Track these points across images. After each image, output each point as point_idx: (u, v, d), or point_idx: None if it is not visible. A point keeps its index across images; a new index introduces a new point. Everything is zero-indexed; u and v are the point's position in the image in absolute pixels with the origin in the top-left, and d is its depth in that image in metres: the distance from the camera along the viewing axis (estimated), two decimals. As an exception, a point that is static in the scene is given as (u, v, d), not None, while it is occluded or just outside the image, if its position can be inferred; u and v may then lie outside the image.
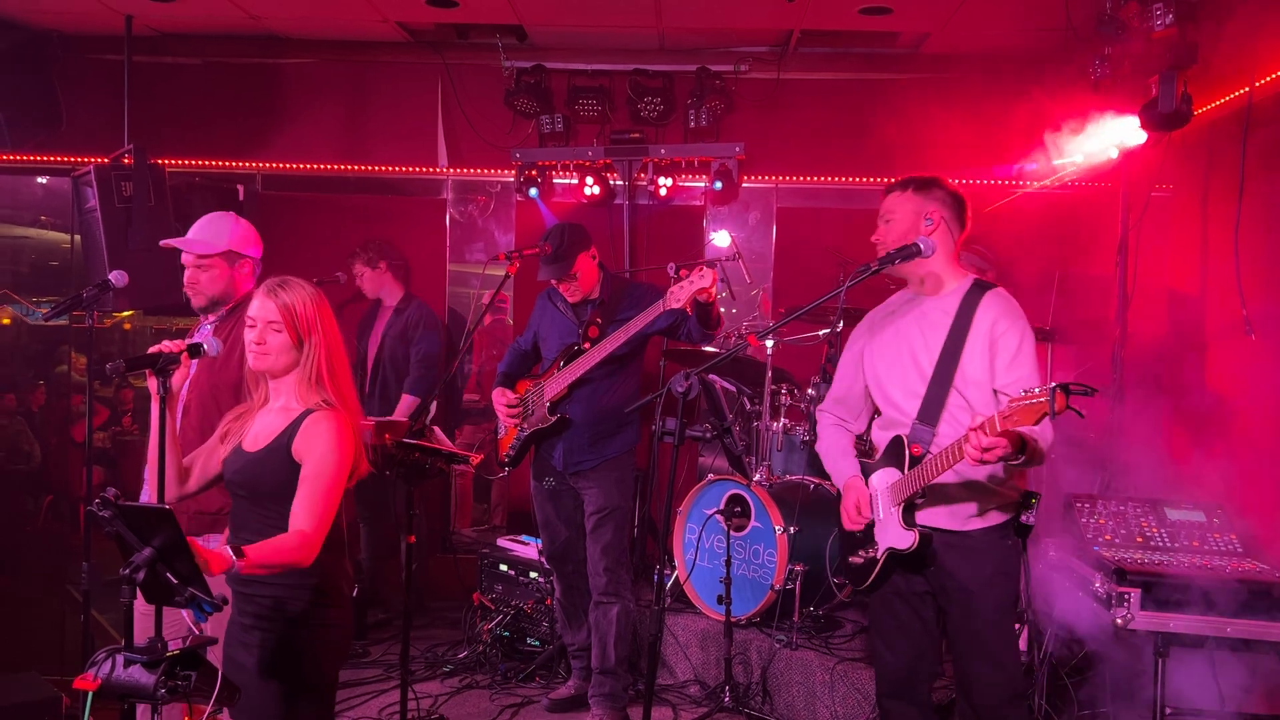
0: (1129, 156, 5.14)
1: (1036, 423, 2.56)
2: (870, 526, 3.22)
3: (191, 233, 3.57)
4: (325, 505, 2.69)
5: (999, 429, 2.65)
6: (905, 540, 3.07)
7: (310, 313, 2.79)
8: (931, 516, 3.11)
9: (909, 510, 3.09)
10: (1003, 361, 3.03)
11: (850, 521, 3.27)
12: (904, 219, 3.19)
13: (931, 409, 3.09)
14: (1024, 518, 3.06)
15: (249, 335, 2.81)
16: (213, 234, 3.54)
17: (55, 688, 4.66)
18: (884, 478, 3.19)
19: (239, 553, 2.46)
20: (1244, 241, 4.44)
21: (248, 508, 2.81)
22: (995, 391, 3.04)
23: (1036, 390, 2.53)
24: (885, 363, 3.28)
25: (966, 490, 3.08)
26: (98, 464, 6.72)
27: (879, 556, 3.16)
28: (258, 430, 2.83)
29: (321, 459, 2.70)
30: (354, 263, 6.25)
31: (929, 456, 3.00)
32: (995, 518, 3.10)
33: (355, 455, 2.79)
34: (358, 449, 2.81)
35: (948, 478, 3.00)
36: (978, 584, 3.08)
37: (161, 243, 3.64)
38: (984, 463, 2.75)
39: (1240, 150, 4.49)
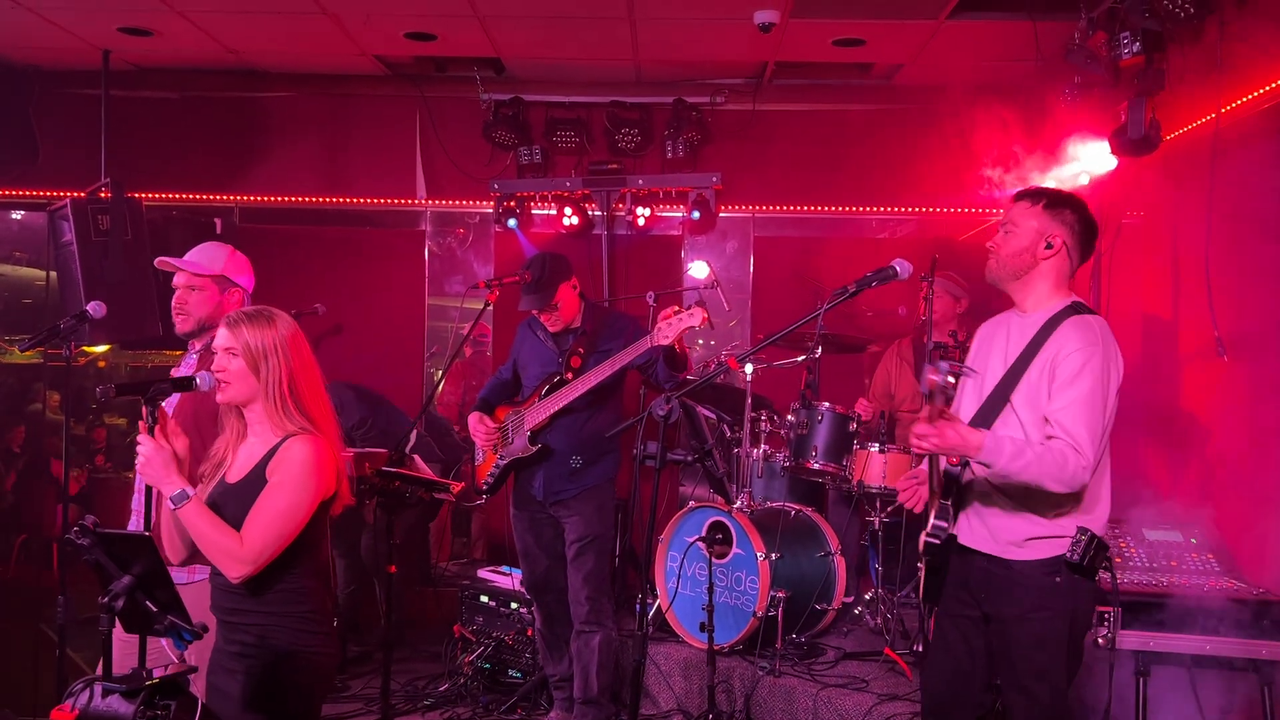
0: (1100, 183, 5.23)
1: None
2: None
3: (187, 255, 3.61)
4: (270, 524, 2.63)
5: (933, 419, 2.75)
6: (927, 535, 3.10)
7: (265, 336, 2.76)
8: (975, 538, 3.08)
9: (942, 510, 3.06)
10: (1057, 384, 2.93)
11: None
12: (1025, 235, 3.07)
13: (983, 418, 3.04)
14: (1070, 555, 2.91)
15: (214, 367, 2.80)
16: (208, 258, 3.60)
17: (30, 727, 4.60)
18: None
19: (182, 497, 2.60)
20: (1214, 265, 4.50)
21: None
22: (1045, 418, 2.94)
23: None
24: (974, 367, 3.27)
25: (1009, 516, 3.00)
26: (71, 503, 6.64)
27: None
28: (240, 462, 2.81)
29: (285, 480, 2.67)
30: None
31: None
32: (1039, 550, 2.97)
33: (334, 481, 2.76)
34: (339, 476, 2.78)
35: (993, 497, 3.01)
36: (1012, 617, 3.00)
37: (157, 261, 3.63)
38: (921, 451, 2.88)
39: (1209, 176, 4.56)
